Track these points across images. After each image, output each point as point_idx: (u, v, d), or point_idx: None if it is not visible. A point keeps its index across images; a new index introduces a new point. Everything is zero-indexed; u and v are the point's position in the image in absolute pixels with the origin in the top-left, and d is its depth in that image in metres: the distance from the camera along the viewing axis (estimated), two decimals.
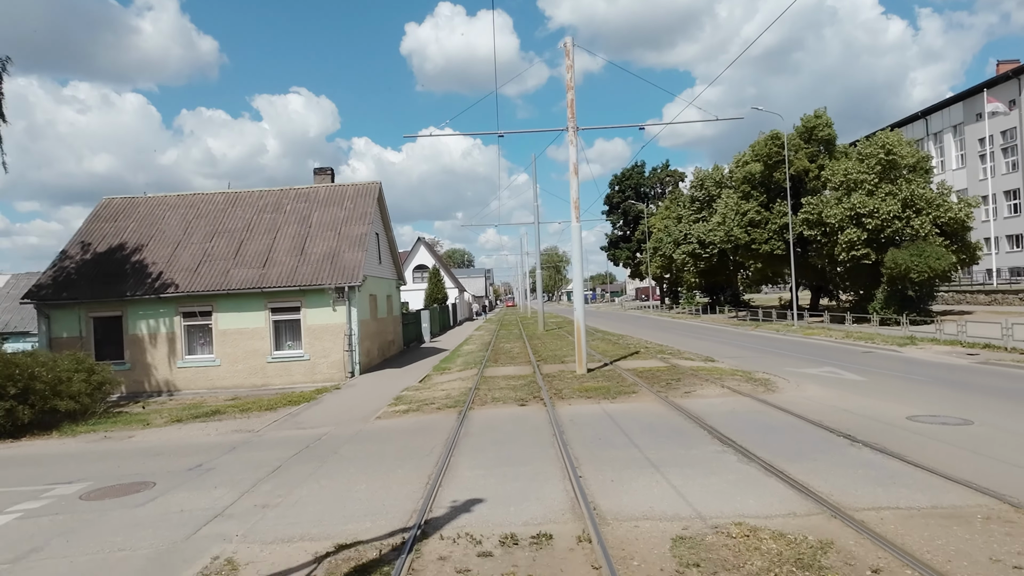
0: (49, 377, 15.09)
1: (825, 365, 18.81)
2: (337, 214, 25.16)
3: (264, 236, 24.17)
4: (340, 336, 22.11)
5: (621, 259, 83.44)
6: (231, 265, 22.82)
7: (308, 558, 6.00)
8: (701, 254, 49.17)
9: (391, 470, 9.08)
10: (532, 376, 18.26)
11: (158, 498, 8.66)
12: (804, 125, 39.09)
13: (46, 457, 12.18)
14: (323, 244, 23.66)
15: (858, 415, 11.16)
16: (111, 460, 11.39)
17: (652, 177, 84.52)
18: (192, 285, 22.06)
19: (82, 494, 9.12)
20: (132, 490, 9.22)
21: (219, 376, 22.01)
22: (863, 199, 32.11)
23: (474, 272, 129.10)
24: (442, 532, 6.36)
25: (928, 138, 63.90)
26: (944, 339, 22.76)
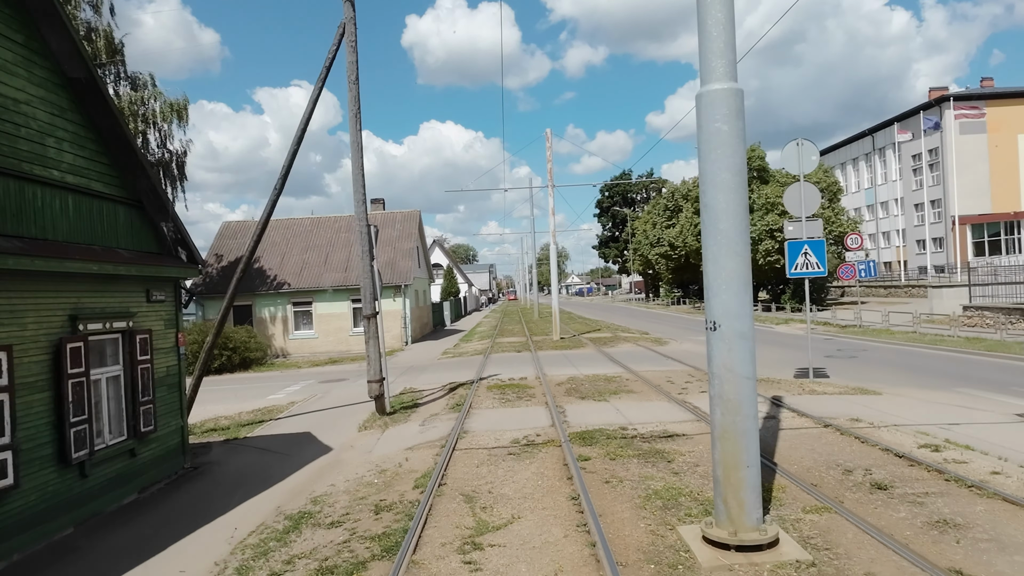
0: (240, 340, 25.98)
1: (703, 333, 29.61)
2: (391, 233, 35.98)
3: (343, 250, 35.03)
4: (398, 318, 32.99)
5: (610, 257, 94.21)
6: (323, 271, 33.70)
7: (440, 385, 16.87)
8: (671, 255, 59.78)
9: (459, 369, 19.96)
10: (526, 342, 29.11)
11: (351, 382, 19.50)
12: None
13: (265, 378, 23.05)
14: (384, 255, 34.49)
15: (693, 353, 21.91)
16: (303, 377, 22.30)
17: (638, 184, 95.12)
18: (298, 284, 32.92)
19: (317, 381, 20.04)
20: (338, 379, 20.13)
21: (317, 344, 32.88)
22: (774, 218, 42.83)
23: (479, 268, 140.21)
24: (484, 381, 17.17)
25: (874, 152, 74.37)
26: (816, 320, 33.49)
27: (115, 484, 8.68)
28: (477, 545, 6.03)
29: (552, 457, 8.95)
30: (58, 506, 7.56)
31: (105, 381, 8.64)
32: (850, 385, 13.81)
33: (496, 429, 10.92)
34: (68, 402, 7.71)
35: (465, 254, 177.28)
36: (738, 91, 5.55)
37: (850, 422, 10.11)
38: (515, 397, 14.17)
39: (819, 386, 13.75)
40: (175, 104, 28.32)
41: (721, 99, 5.52)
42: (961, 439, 8.80)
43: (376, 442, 11.32)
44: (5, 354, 6.81)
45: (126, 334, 9.06)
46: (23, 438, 7.01)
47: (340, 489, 8.52)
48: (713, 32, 5.60)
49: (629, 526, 6.24)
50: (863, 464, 7.85)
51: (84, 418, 7.98)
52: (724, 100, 5.51)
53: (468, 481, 8.09)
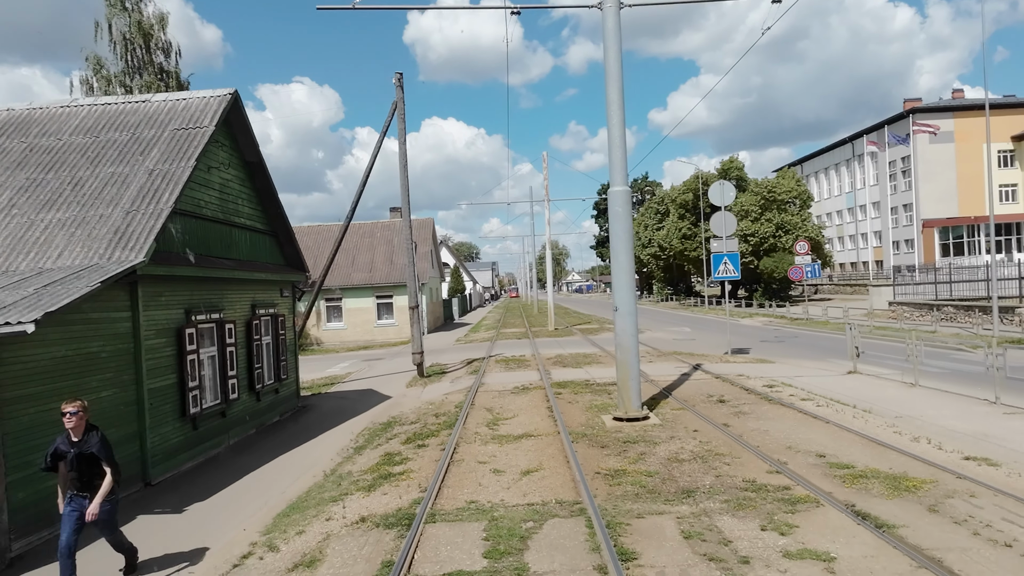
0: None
1: (686, 326, 34.91)
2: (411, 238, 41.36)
3: (367, 252, 40.50)
4: None
5: (606, 256, 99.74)
6: (351, 271, 39.16)
7: (459, 361, 22.35)
8: (660, 255, 65.20)
9: (472, 351, 25.43)
10: (525, 332, 34.57)
11: (388, 360, 24.98)
12: (723, 167, 55.03)
13: (314, 359, 28.52)
14: (403, 257, 39.91)
15: (658, 339, 27.31)
16: (346, 358, 27.79)
17: (633, 187, 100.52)
18: (329, 282, 38.32)
19: (360, 360, 25.55)
20: (375, 359, 25.64)
21: (346, 334, 38.34)
22: (748, 224, 48.23)
23: (482, 265, 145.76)
24: (493, 357, 22.62)
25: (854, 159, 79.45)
26: (775, 314, 38.87)
27: (269, 408, 14.19)
28: (494, 425, 11.45)
29: (539, 393, 14.39)
30: (250, 415, 13.09)
31: (265, 345, 14.13)
32: (757, 358, 19.25)
33: (503, 382, 16.36)
34: (254, 355, 13.22)
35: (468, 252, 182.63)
36: (627, 191, 10.95)
37: (736, 376, 15.50)
38: (516, 366, 19.62)
39: (735, 359, 19.18)
40: None
41: (620, 195, 10.95)
42: (793, 383, 14.19)
43: (422, 391, 16.81)
44: (233, 324, 12.32)
45: (273, 317, 14.56)
46: (238, 374, 12.52)
47: (407, 411, 13.97)
48: (615, 159, 11.02)
49: (576, 416, 11.67)
50: (721, 394, 13.26)
51: (259, 366, 13.50)
52: (622, 195, 10.95)
53: (487, 403, 13.53)
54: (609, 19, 10.80)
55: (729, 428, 10.03)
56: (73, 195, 10.31)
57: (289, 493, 8.98)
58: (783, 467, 7.76)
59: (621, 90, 10.86)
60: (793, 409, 11.31)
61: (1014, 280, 27.52)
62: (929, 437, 8.96)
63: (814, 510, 6.32)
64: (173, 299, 10.43)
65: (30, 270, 8.97)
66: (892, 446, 8.53)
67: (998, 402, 10.90)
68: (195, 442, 10.85)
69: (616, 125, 10.89)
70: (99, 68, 31.40)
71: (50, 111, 12.34)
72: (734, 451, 8.68)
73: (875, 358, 17.68)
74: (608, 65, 10.83)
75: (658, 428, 10.32)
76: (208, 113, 11.85)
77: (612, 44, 10.75)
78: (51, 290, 7.78)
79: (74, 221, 9.80)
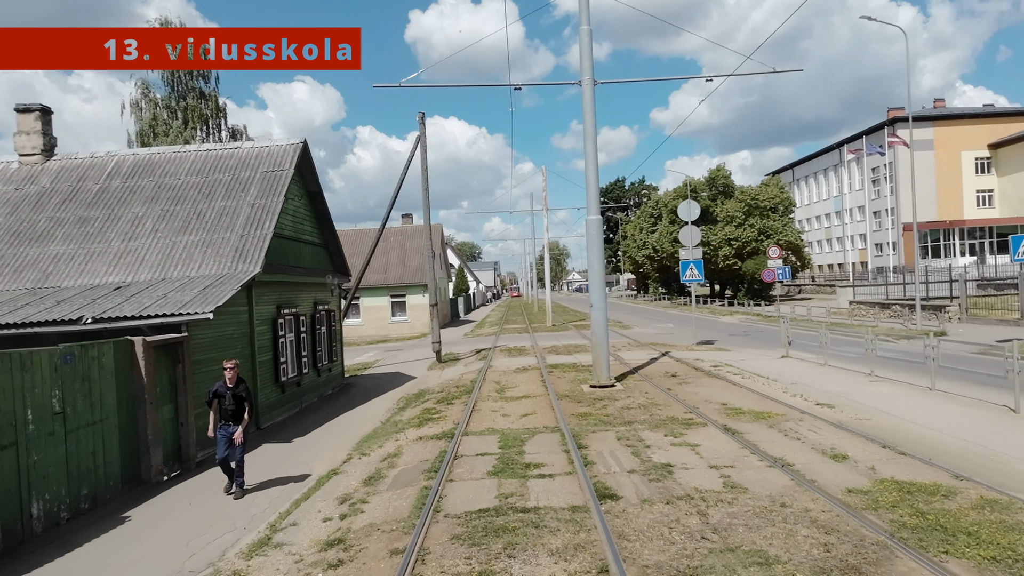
0: None
1: (671, 323, 38.86)
2: (419, 243, 45.37)
3: (382, 256, 44.47)
4: (426, 309, 42.39)
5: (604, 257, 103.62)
6: (368, 272, 43.08)
7: (469, 351, 26.36)
8: (654, 257, 69.16)
9: (479, 343, 29.45)
10: (526, 327, 38.57)
11: (406, 351, 29.00)
12: (711, 175, 58.97)
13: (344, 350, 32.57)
14: (414, 261, 43.96)
15: (643, 333, 31.28)
16: (368, 349, 31.80)
17: (630, 190, 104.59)
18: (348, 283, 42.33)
19: (382, 350, 29.58)
20: (395, 350, 29.67)
21: (363, 330, 42.33)
22: (732, 229, 52.19)
23: (484, 265, 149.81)
24: (498, 347, 26.60)
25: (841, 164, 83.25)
26: (752, 312, 42.80)
27: (325, 383, 18.21)
28: (501, 391, 15.42)
29: (535, 372, 18.36)
30: (313, 387, 17.11)
31: (322, 333, 18.14)
32: (718, 347, 23.21)
33: (507, 365, 20.33)
34: (316, 341, 17.23)
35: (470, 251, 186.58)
36: (599, 219, 14.91)
37: (692, 360, 19.45)
38: (518, 354, 23.60)
39: (698, 348, 23.14)
40: None
41: (594, 222, 14.93)
42: (734, 364, 18.13)
43: (441, 373, 20.81)
44: (304, 317, 16.33)
45: (327, 312, 18.57)
46: (308, 354, 16.53)
47: (433, 386, 17.95)
48: (591, 195, 14.99)
49: (563, 386, 15.63)
50: (675, 371, 17.21)
51: (320, 349, 17.52)
52: (595, 223, 14.93)
53: (495, 379, 17.50)
54: (586, 93, 14.77)
55: (671, 391, 14.01)
56: (198, 222, 14.32)
57: (360, 432, 12.98)
58: (694, 410, 11.74)
59: (595, 145, 14.85)
60: (722, 380, 15.30)
61: (946, 283, 31.49)
62: (804, 395, 12.93)
63: (700, 428, 10.30)
64: (270, 297, 14.45)
65: (181, 278, 12.97)
66: (774, 399, 12.51)
67: (872, 375, 14.86)
68: (284, 402, 14.88)
69: (591, 171, 14.88)
70: (147, 91, 35.41)
71: (167, 155, 16.36)
72: (667, 403, 12.66)
73: (811, 347, 21.64)
74: (586, 127, 14.83)
75: (620, 391, 14.30)
76: (287, 158, 15.86)
77: (589, 112, 14.73)
78: (209, 291, 11.77)
79: (204, 242, 13.81)
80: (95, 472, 8.74)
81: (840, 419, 10.54)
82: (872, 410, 11.25)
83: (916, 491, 6.77)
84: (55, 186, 15.55)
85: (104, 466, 8.95)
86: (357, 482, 8.80)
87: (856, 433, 9.50)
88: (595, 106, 14.93)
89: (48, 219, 14.64)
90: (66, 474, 8.17)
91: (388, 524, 6.82)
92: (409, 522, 6.73)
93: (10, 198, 15.26)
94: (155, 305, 11.06)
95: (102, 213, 14.71)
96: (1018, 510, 6.17)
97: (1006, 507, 6.25)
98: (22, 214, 14.83)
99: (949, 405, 11.54)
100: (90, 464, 8.65)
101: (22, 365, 7.51)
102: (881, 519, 6.09)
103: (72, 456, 8.29)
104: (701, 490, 7.17)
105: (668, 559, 5.46)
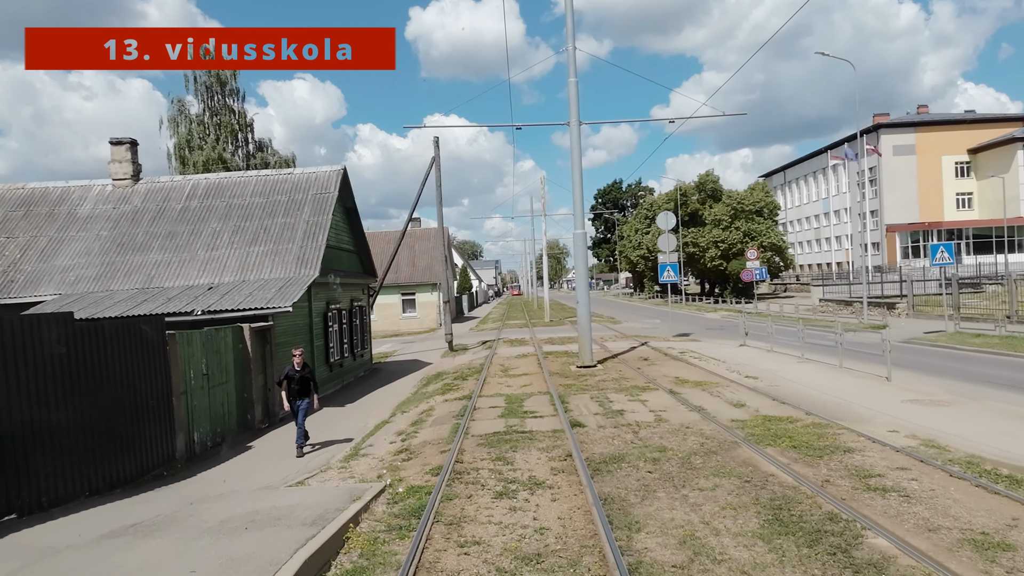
0: None
1: (658, 319, 42.60)
2: (427, 245, 49.15)
3: None
4: (434, 306, 46.24)
5: (602, 256, 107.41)
6: None
7: (477, 342, 30.14)
8: (648, 257, 72.85)
9: (485, 335, 33.23)
10: (526, 322, 42.34)
11: (420, 343, 32.76)
12: (700, 181, 62.65)
13: None
14: (423, 261, 47.72)
15: (631, 328, 35.01)
16: (385, 342, 35.60)
17: (627, 192, 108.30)
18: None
19: (398, 343, 33.38)
20: (409, 342, 33.45)
21: (376, 326, 45.72)
22: (719, 232, 55.90)
23: (485, 264, 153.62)
24: (502, 339, 30.36)
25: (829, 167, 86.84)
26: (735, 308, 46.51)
27: (358, 367, 21.99)
28: (505, 371, 19.17)
29: (533, 358, 22.10)
30: (351, 369, 20.91)
31: (356, 325, 21.90)
32: (691, 339, 26.95)
33: (509, 353, 24.06)
34: (353, 331, 21.02)
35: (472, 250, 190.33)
36: (584, 233, 18.66)
37: (666, 348, 23.16)
38: (518, 344, 27.34)
39: (674, 339, 26.88)
40: (287, 159, 41.46)
41: (580, 236, 18.70)
42: (698, 351, 21.85)
43: (454, 359, 24.56)
44: (345, 311, 20.12)
45: (360, 307, 22.33)
46: (346, 344, 20.30)
47: (448, 369, 21.69)
48: (577, 213, 18.73)
49: (554, 367, 19.36)
50: (648, 356, 20.94)
51: (356, 338, 21.29)
52: (581, 236, 18.70)
53: (500, 363, 21.23)
54: (573, 132, 18.49)
55: (639, 370, 17.76)
56: (265, 236, 18.07)
57: (397, 399, 16.75)
58: (652, 381, 15.48)
59: (581, 175, 18.59)
60: (683, 362, 19.06)
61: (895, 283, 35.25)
62: (740, 371, 16.65)
63: (653, 391, 14.04)
64: (322, 295, 18.22)
65: (257, 280, 16.73)
66: (716, 373, 16.25)
67: (802, 357, 18.59)
68: (332, 379, 18.66)
69: (577, 193, 18.62)
70: (183, 109, 39.15)
71: (233, 179, 20.12)
72: (634, 377, 16.40)
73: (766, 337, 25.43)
74: (573, 159, 18.55)
75: (600, 370, 18.05)
76: (331, 183, 19.62)
77: (575, 148, 18.46)
78: (284, 290, 15.52)
79: (271, 252, 17.57)
80: (223, 417, 12.51)
81: (756, 385, 14.30)
82: (784, 380, 15.01)
83: (774, 420, 10.53)
84: (145, 205, 19.32)
85: (228, 414, 12.72)
86: (406, 425, 12.58)
87: (761, 393, 13.26)
88: (580, 143, 18.67)
89: (144, 233, 18.40)
90: (209, 416, 11.94)
91: (435, 441, 10.58)
92: (449, 439, 10.47)
93: (111, 215, 19.03)
94: (246, 300, 14.83)
95: (187, 228, 18.47)
96: (827, 427, 9.91)
97: (823, 427, 9.99)
98: (123, 229, 18.59)
99: (845, 377, 15.29)
100: (221, 411, 12.42)
101: (188, 341, 11.27)
102: (743, 433, 9.83)
103: (212, 405, 12.06)
104: (639, 422, 10.92)
105: (606, 451, 9.21)
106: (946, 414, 10.84)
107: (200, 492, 8.77)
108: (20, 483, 7.71)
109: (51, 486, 8.14)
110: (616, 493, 7.30)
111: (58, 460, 8.27)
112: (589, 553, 5.78)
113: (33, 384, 7.97)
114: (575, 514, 6.76)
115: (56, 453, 8.25)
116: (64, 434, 8.35)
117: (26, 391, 7.87)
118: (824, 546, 5.63)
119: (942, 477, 7.35)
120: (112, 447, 9.13)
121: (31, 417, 7.89)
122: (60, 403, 8.29)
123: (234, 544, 6.08)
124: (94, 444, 8.82)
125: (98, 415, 8.87)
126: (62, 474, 8.30)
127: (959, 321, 23.65)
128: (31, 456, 7.91)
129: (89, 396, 8.76)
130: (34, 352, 8.01)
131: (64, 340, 8.40)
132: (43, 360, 8.11)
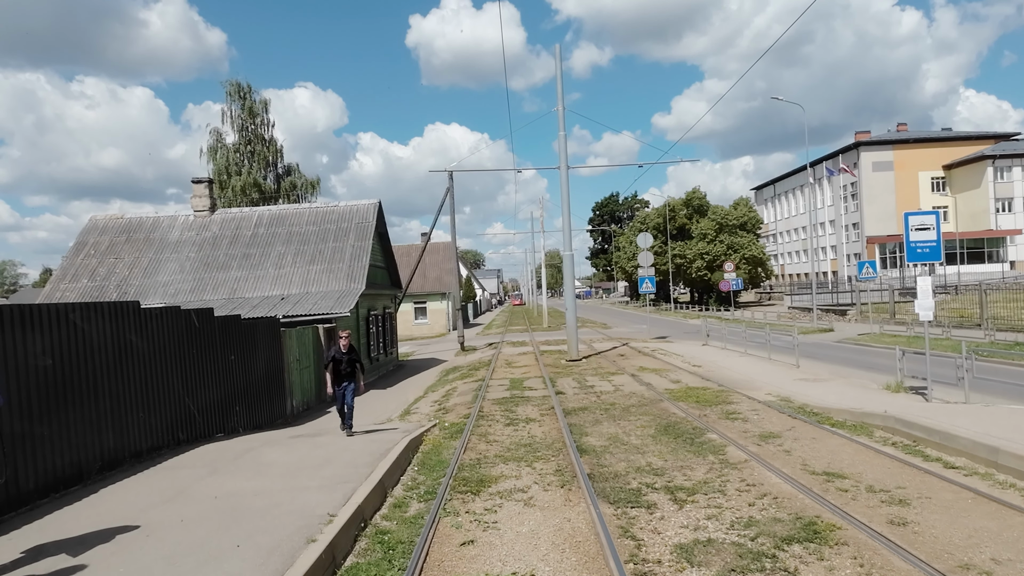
0: None
1: (644, 324, 47.41)
2: (436, 258, 54.11)
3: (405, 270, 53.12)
4: (444, 314, 51.16)
5: (599, 266, 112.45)
6: None
7: (485, 343, 35.03)
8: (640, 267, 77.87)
9: (490, 339, 38.11)
10: (527, 328, 47.20)
11: (433, 345, 37.65)
12: (688, 197, 67.63)
13: None
14: (433, 272, 52.66)
15: (621, 332, 39.84)
16: (402, 345, 40.50)
17: (624, 204, 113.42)
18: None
19: (415, 344, 38.28)
20: (423, 344, 38.35)
21: None
22: (705, 245, 60.83)
23: (487, 273, 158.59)
24: (505, 341, 35.21)
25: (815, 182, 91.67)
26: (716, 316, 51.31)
27: (388, 363, 26.91)
28: (509, 365, 24.02)
29: (532, 355, 26.93)
30: (383, 364, 25.85)
31: (386, 328, 26.79)
32: (666, 340, 31.81)
33: (512, 352, 28.89)
34: (383, 333, 25.94)
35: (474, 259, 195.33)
36: (572, 255, 23.59)
37: (641, 346, 27.96)
38: (519, 345, 32.21)
39: (652, 341, 31.73)
40: (312, 182, 46.49)
41: (568, 257, 23.65)
42: (667, 349, 26.66)
43: (466, 357, 29.44)
44: (380, 316, 25.06)
45: (389, 314, 27.26)
46: (381, 343, 25.23)
47: (462, 364, 26.55)
48: (566, 238, 23.66)
49: (549, 361, 24.21)
50: (625, 353, 25.77)
51: (386, 339, 26.22)
52: (569, 257, 23.65)
53: (505, 359, 26.07)
54: (563, 175, 23.41)
55: (614, 362, 22.59)
56: (320, 257, 23.00)
57: (426, 385, 21.60)
58: (622, 369, 20.32)
59: (568, 207, 23.51)
60: (651, 356, 23.91)
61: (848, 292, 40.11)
62: (691, 362, 21.47)
63: (619, 375, 18.89)
64: (364, 304, 23.13)
65: (318, 292, 21.64)
66: (671, 364, 21.10)
67: (744, 352, 23.42)
68: (372, 371, 23.56)
69: (566, 223, 23.53)
70: (220, 139, 44.20)
71: (291, 211, 25.06)
72: (608, 367, 21.24)
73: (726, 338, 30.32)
74: (562, 197, 23.49)
75: (584, 363, 22.90)
76: (370, 214, 24.58)
77: (564, 190, 23.38)
78: (342, 299, 20.43)
79: (326, 270, 22.50)
80: (307, 392, 17.41)
81: (696, 371, 19.16)
82: (720, 367, 19.87)
83: (694, 390, 15.40)
84: (222, 232, 24.27)
85: (309, 390, 17.61)
86: (439, 397, 17.48)
87: (697, 375, 18.13)
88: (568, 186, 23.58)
89: (224, 254, 23.35)
90: (301, 388, 16.83)
91: (462, 404, 15.46)
92: (472, 402, 15.34)
93: (195, 240, 23.99)
94: (314, 307, 19.74)
95: (258, 251, 23.43)
96: (727, 393, 14.78)
97: (725, 393, 14.85)
98: (206, 251, 23.54)
99: (767, 365, 20.14)
100: (306, 387, 17.32)
101: (289, 335, 16.17)
102: (669, 395, 14.70)
103: (301, 382, 16.95)
104: (602, 391, 15.79)
105: (576, 405, 14.07)
106: (816, 386, 15.68)
107: (318, 428, 13.65)
108: (224, 419, 12.61)
109: (238, 422, 13.05)
110: (577, 423, 12.17)
111: (240, 407, 13.18)
112: (557, 443, 10.66)
113: (234, 361, 12.92)
114: (552, 432, 11.63)
115: (239, 403, 13.15)
116: (242, 392, 13.27)
117: (233, 367, 12.84)
118: (683, 439, 10.49)
119: (773, 413, 12.23)
120: (261, 400, 14.06)
121: (236, 382, 12.83)
122: (240, 373, 13.21)
123: (366, 439, 10.96)
124: (253, 398, 13.74)
125: (256, 380, 13.80)
126: (241, 415, 13.19)
127: (884, 324, 28.49)
128: (230, 405, 12.82)
129: (251, 367, 13.69)
130: (239, 340, 12.98)
131: (245, 332, 13.40)
132: (238, 346, 13.05)
